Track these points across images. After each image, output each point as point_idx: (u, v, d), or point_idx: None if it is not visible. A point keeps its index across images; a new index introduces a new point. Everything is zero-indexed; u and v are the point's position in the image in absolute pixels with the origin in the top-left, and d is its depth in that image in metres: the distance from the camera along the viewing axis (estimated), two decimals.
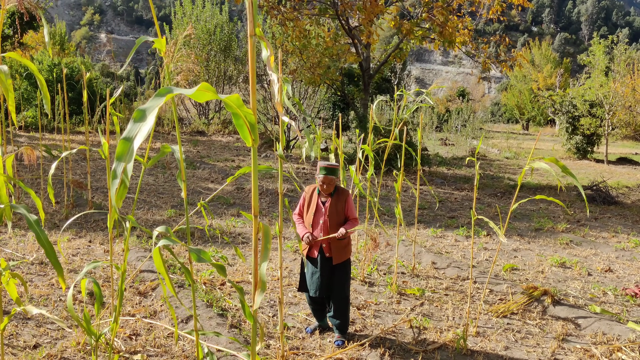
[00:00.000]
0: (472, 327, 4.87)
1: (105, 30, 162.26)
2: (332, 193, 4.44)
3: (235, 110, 1.65)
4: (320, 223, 4.38)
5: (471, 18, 15.43)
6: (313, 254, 4.39)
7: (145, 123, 1.47)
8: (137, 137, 1.47)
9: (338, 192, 4.46)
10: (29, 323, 4.46)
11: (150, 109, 1.49)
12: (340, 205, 4.42)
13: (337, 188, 4.49)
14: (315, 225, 4.41)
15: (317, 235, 4.37)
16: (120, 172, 1.47)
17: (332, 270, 4.39)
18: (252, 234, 7.90)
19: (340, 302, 4.42)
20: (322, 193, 4.45)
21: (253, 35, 1.86)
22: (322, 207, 4.41)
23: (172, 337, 4.37)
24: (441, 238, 8.34)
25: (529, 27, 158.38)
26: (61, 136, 16.09)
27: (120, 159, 1.47)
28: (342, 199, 4.45)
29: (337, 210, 4.41)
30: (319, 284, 4.34)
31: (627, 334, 4.80)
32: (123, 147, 1.48)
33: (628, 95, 20.03)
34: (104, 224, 7.78)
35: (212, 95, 1.62)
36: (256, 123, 1.67)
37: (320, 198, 4.44)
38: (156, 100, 1.50)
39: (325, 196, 4.44)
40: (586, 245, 8.16)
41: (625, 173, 18.02)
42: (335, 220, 4.38)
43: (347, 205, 4.45)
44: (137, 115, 1.50)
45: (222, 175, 12.77)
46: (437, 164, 17.47)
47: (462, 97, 47.37)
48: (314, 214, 4.40)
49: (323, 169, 4.33)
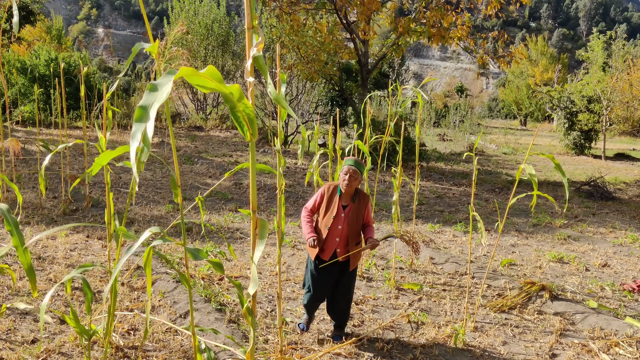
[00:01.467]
0: (470, 322, 4.88)
1: (102, 25, 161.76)
2: (354, 198, 4.17)
3: (234, 103, 1.64)
4: (339, 228, 4.11)
5: (470, 14, 15.41)
6: (325, 257, 4.14)
7: (159, 94, 1.54)
8: (153, 105, 1.54)
9: (360, 197, 4.19)
10: (27, 318, 4.45)
11: (162, 84, 1.57)
12: (361, 212, 4.17)
13: (359, 192, 4.22)
14: (333, 230, 4.11)
15: (334, 240, 4.11)
16: (140, 135, 1.50)
17: (342, 273, 4.22)
18: (249, 229, 7.90)
19: (346, 303, 4.31)
20: (343, 195, 4.16)
21: (251, 28, 1.84)
22: (342, 212, 4.13)
23: (170, 332, 4.36)
24: (439, 233, 8.34)
25: (527, 22, 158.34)
26: (58, 131, 16.05)
27: (140, 121, 1.50)
28: (363, 205, 4.19)
29: (357, 217, 4.15)
30: (328, 285, 4.20)
31: (625, 329, 4.81)
32: (141, 112, 1.54)
33: (626, 91, 20.05)
34: (101, 218, 7.77)
35: (216, 85, 1.61)
36: (255, 117, 1.66)
37: (341, 201, 4.13)
38: (167, 77, 1.57)
39: (347, 200, 4.17)
40: (584, 241, 8.18)
41: (623, 169, 18.06)
42: (354, 228, 4.14)
43: (367, 211, 4.21)
44: (150, 87, 1.57)
45: (220, 170, 12.75)
46: (435, 160, 17.48)
47: (460, 93, 47.42)
48: (333, 217, 4.11)
49: (349, 160, 4.10)
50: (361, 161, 4.18)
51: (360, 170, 4.10)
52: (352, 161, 4.09)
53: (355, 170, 4.07)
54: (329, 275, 4.19)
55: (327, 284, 4.22)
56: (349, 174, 4.07)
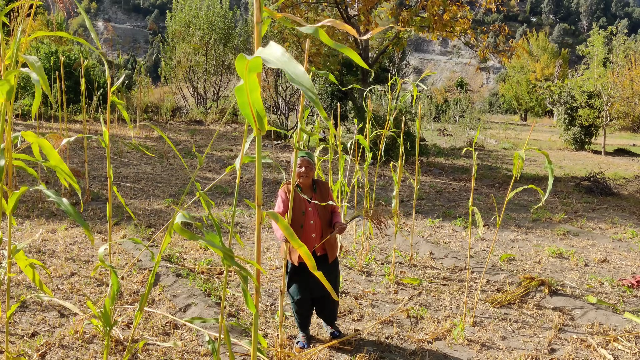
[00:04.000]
0: (469, 316, 4.89)
1: (102, 19, 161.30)
2: (315, 188, 4.17)
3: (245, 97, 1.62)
4: (311, 224, 4.06)
5: (470, 8, 15.37)
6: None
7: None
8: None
9: (319, 186, 4.20)
10: (27, 312, 4.46)
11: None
12: (326, 199, 4.14)
13: (316, 181, 4.22)
14: (307, 228, 4.05)
15: (310, 237, 4.05)
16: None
17: (323, 267, 4.09)
18: (249, 223, 7.91)
19: (334, 300, 4.25)
20: (303, 190, 4.13)
21: (260, 22, 1.84)
22: (309, 206, 4.08)
23: (170, 325, 4.38)
24: (439, 228, 8.35)
25: (528, 17, 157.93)
26: (58, 124, 16.03)
27: (252, 70, 1.54)
28: (325, 191, 4.19)
29: (325, 206, 4.13)
30: (316, 283, 4.02)
31: (624, 324, 4.83)
32: (255, 61, 1.53)
33: (626, 87, 20.02)
34: (101, 212, 7.77)
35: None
36: (264, 111, 1.65)
37: (304, 195, 3.98)
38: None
39: (308, 192, 4.14)
40: (583, 236, 8.19)
41: (623, 164, 18.06)
42: (325, 218, 4.13)
43: (330, 197, 4.18)
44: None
45: (220, 164, 12.74)
46: (435, 155, 17.47)
47: (461, 88, 47.34)
48: (303, 213, 4.05)
49: (301, 152, 4.06)
50: (308, 150, 4.21)
51: (312, 159, 4.14)
52: (303, 152, 4.11)
53: (309, 161, 4.10)
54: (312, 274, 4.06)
55: (315, 282, 4.01)
56: (304, 165, 4.08)
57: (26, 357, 3.70)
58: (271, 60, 1.46)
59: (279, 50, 1.47)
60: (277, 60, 1.45)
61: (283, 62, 1.45)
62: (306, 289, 4.10)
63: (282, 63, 1.45)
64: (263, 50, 1.50)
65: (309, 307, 4.20)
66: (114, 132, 16.51)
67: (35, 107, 2.35)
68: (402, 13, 14.44)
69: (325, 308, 4.26)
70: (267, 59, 1.47)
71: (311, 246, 4.03)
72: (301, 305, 4.15)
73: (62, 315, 4.46)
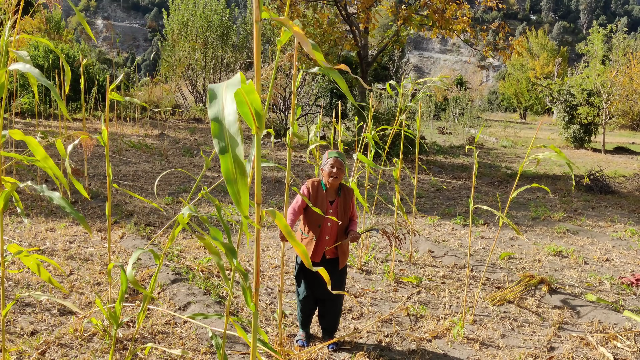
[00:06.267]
0: (469, 315, 4.89)
1: (101, 17, 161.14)
2: (339, 192, 4.06)
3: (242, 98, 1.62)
4: (329, 226, 3.98)
5: (470, 6, 15.36)
6: (317, 258, 3.99)
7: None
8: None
9: (344, 191, 4.09)
10: (26, 310, 4.46)
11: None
12: (348, 206, 4.08)
13: (342, 186, 4.11)
14: (323, 228, 3.98)
15: (324, 239, 3.98)
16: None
17: (332, 272, 4.03)
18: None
19: (338, 305, 4.19)
20: (328, 190, 4.03)
21: (259, 21, 1.83)
22: (330, 209, 3.99)
23: (170, 323, 4.38)
24: (438, 226, 8.35)
25: (528, 15, 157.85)
26: (58, 122, 16.02)
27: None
28: (349, 198, 4.10)
29: (344, 211, 4.06)
30: (319, 285, 3.98)
31: (623, 322, 4.83)
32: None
33: (626, 85, 20.01)
34: (100, 211, 7.77)
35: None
36: (262, 110, 1.64)
37: (327, 197, 3.99)
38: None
39: (332, 195, 4.05)
40: (583, 234, 8.19)
41: (622, 162, 18.06)
42: (343, 223, 4.03)
43: (352, 204, 4.12)
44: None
45: (219, 162, 12.74)
46: (435, 153, 17.47)
47: (460, 86, 47.30)
48: (322, 215, 3.94)
49: (334, 152, 3.97)
50: (343, 153, 4.09)
51: (345, 161, 4.03)
52: (336, 153, 3.97)
53: (342, 162, 3.97)
54: (318, 274, 3.91)
55: (319, 282, 3.97)
56: (336, 166, 3.94)
57: (26, 356, 3.70)
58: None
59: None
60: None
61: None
62: (311, 287, 4.08)
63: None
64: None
65: (312, 305, 4.16)
66: (114, 130, 16.50)
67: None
68: (402, 11, 14.43)
69: (327, 313, 4.17)
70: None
71: (322, 248, 3.98)
72: (305, 303, 4.14)
73: (61, 313, 4.45)
